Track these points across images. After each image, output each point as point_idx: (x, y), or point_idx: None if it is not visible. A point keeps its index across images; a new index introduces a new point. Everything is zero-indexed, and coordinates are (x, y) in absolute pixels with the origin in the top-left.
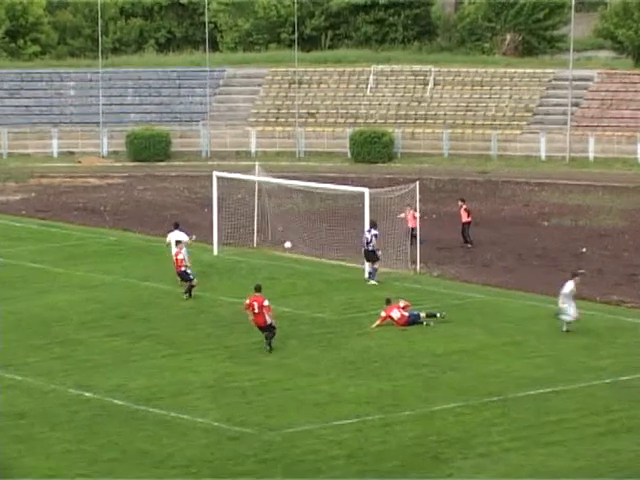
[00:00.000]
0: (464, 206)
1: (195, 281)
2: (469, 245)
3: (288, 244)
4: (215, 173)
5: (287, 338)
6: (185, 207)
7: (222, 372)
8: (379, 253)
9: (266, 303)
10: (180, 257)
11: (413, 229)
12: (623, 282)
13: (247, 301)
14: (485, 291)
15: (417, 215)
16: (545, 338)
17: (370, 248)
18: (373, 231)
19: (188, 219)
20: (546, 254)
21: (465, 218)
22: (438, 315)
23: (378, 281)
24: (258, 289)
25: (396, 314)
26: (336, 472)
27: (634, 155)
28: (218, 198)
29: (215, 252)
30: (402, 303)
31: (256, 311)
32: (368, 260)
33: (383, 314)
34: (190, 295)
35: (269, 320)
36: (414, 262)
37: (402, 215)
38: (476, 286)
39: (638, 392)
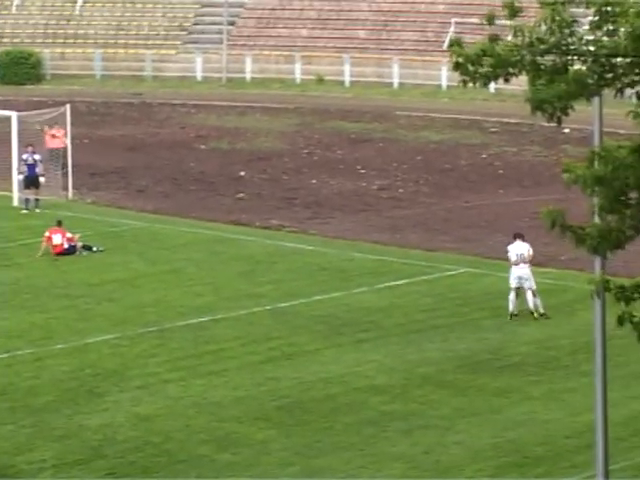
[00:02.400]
0: (52, 131)
1: None
2: (63, 171)
3: None
4: None
5: None
6: None
7: None
8: (42, 180)
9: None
10: None
11: (52, 150)
12: (283, 206)
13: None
14: (141, 217)
15: (59, 135)
16: (204, 265)
17: (35, 173)
18: (37, 155)
19: None
20: (204, 178)
21: (55, 144)
22: (95, 249)
23: (29, 209)
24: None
25: (58, 239)
26: None
27: (292, 75)
28: None
29: None
30: (70, 234)
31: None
32: (31, 187)
33: (47, 234)
34: None
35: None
36: (66, 189)
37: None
38: (131, 212)
39: (297, 318)
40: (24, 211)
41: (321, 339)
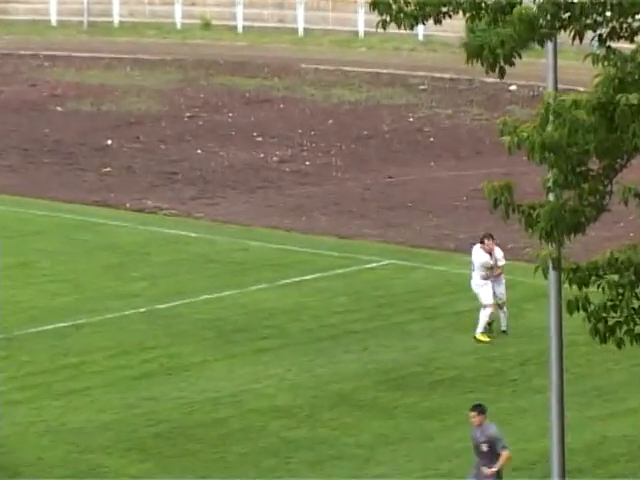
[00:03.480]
0: None
1: None
2: None
3: None
4: None
5: None
6: None
7: None
8: None
9: None
10: None
11: None
12: (160, 183)
13: None
14: None
15: None
16: (61, 257)
17: None
18: None
19: None
20: (60, 148)
21: None
22: None
23: None
24: None
25: None
26: None
27: (171, 19)
28: None
29: None
30: None
31: None
32: None
33: None
34: None
35: None
36: None
37: None
38: None
39: (179, 323)
40: None
41: (209, 349)
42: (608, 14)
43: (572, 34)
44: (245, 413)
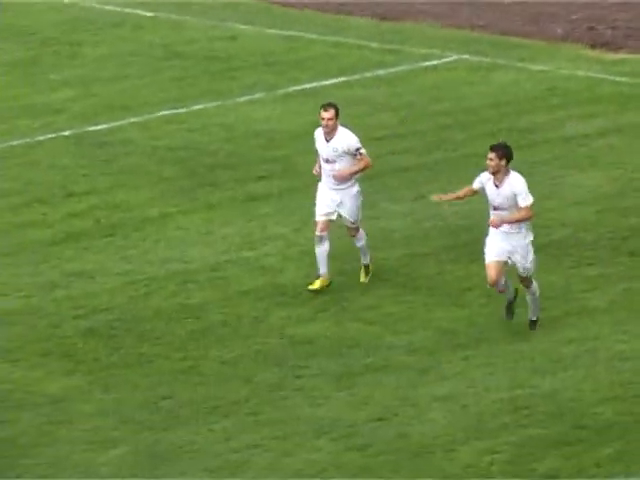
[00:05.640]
0: None
1: None
2: None
3: None
4: None
5: None
6: None
7: None
8: None
9: None
10: None
11: None
12: None
13: None
14: None
15: None
16: None
17: None
18: None
19: None
20: None
21: None
22: None
23: None
24: None
25: None
26: None
27: None
28: None
29: None
30: None
31: None
32: None
33: None
34: None
35: None
36: None
37: None
38: None
39: (125, 155)
40: None
41: (173, 195)
42: None
43: None
44: (231, 297)
